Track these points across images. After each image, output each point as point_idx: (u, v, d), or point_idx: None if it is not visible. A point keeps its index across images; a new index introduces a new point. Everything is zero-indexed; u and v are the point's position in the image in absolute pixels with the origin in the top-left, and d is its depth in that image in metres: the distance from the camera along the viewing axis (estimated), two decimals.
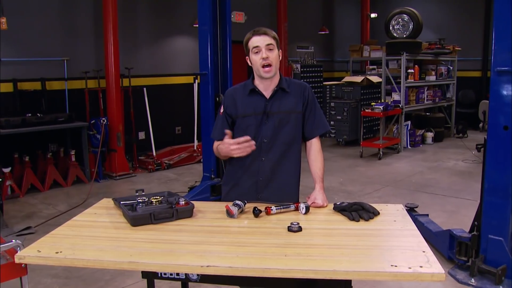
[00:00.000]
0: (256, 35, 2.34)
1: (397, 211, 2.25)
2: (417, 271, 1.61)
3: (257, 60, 2.33)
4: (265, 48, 2.31)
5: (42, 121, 6.28)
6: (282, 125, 2.41)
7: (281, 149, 2.43)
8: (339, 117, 9.24)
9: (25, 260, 1.81)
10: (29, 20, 6.66)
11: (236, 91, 2.51)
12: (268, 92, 2.42)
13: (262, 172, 2.43)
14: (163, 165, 7.51)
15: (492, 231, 3.46)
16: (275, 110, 2.40)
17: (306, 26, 11.48)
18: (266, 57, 2.31)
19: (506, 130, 3.32)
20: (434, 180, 6.68)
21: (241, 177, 2.48)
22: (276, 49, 2.35)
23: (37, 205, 5.72)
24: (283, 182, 2.47)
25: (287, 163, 2.45)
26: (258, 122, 2.40)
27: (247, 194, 2.42)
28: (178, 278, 1.97)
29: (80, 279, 3.72)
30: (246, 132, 2.40)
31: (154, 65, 8.34)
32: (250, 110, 2.41)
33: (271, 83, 2.41)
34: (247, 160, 2.42)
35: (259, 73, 2.37)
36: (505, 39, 3.27)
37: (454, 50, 9.97)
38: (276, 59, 2.36)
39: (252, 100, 2.42)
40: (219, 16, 5.41)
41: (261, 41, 2.32)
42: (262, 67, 2.33)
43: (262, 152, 2.41)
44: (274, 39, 2.35)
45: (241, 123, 2.43)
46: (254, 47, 2.33)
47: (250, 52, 2.36)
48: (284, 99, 2.42)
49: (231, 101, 2.47)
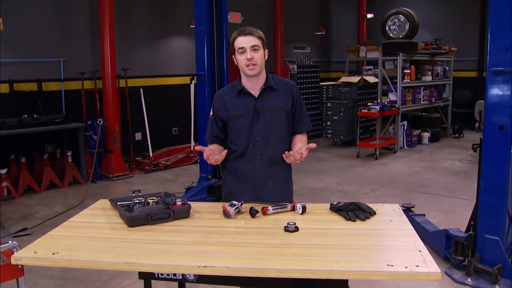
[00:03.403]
0: (242, 35, 2.34)
1: (393, 211, 2.26)
2: (413, 271, 1.61)
3: (242, 60, 2.34)
4: (250, 49, 2.32)
5: (38, 122, 6.27)
6: (274, 123, 2.43)
7: (275, 146, 2.44)
8: (336, 118, 9.26)
9: (22, 262, 1.81)
10: (25, 21, 6.63)
11: (224, 93, 2.53)
12: (256, 91, 2.43)
13: (259, 171, 2.45)
14: (159, 166, 7.50)
15: (488, 230, 3.47)
16: (265, 108, 2.42)
17: (303, 27, 11.49)
18: (250, 57, 2.32)
19: (502, 130, 3.33)
20: (431, 180, 6.70)
21: (239, 177, 2.49)
22: (261, 49, 2.35)
23: (33, 206, 5.70)
24: (279, 179, 2.50)
25: (281, 161, 2.45)
26: (250, 121, 2.41)
27: (247, 193, 2.44)
28: (175, 279, 1.97)
29: (77, 280, 3.71)
30: (240, 132, 2.43)
31: (150, 66, 8.33)
32: (241, 111, 2.43)
33: (258, 82, 2.42)
34: (243, 160, 2.45)
35: (244, 71, 2.38)
36: (501, 39, 3.28)
37: (450, 51, 10.01)
38: (261, 59, 2.36)
39: (241, 100, 2.44)
40: (216, 17, 5.42)
41: (246, 41, 2.32)
42: (246, 66, 2.34)
43: (256, 150, 2.43)
44: (260, 39, 2.35)
45: (234, 124, 2.45)
46: (240, 48, 2.34)
47: (236, 52, 2.37)
48: (273, 97, 2.44)
49: (221, 104, 2.48)
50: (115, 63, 7.03)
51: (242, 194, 2.42)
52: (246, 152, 2.44)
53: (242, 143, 2.44)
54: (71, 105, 7.08)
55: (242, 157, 2.45)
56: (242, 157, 2.45)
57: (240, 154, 2.46)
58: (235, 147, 2.48)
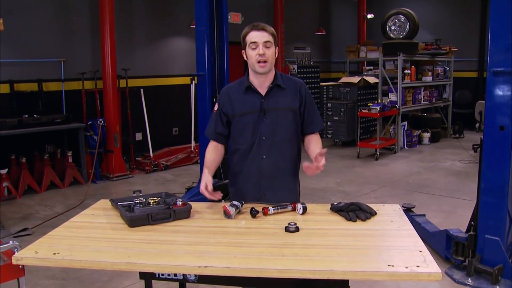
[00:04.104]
0: (255, 30, 2.30)
1: (394, 211, 2.26)
2: (414, 271, 1.61)
3: (253, 56, 2.30)
4: (262, 45, 2.28)
5: (39, 122, 6.27)
6: (280, 122, 2.39)
7: (281, 146, 2.41)
8: (336, 118, 9.26)
9: (23, 262, 1.81)
10: (26, 21, 6.64)
11: (231, 89, 2.49)
12: (263, 89, 2.39)
13: (265, 171, 2.41)
14: (160, 166, 7.50)
15: (488, 231, 3.47)
16: (271, 107, 2.38)
17: (303, 27, 11.50)
18: (262, 53, 2.28)
19: (502, 130, 3.33)
20: (431, 180, 6.70)
21: (245, 177, 2.47)
22: (273, 47, 2.32)
23: (34, 207, 5.71)
24: (285, 179, 2.47)
25: (288, 160, 2.44)
26: (255, 119, 2.38)
27: (252, 193, 2.43)
28: (176, 279, 1.97)
29: (77, 280, 3.71)
30: (244, 130, 2.40)
31: (151, 66, 8.34)
32: (247, 108, 2.39)
33: (266, 80, 2.39)
34: (248, 159, 2.42)
35: (253, 68, 2.34)
36: (501, 40, 3.28)
37: (450, 51, 10.01)
38: (273, 56, 2.33)
39: (248, 98, 2.40)
40: (216, 17, 5.42)
41: (259, 36, 2.29)
42: (257, 62, 2.30)
43: (262, 150, 2.40)
44: (272, 35, 2.32)
45: (238, 122, 2.42)
46: (252, 43, 2.30)
47: (247, 47, 2.33)
48: (280, 95, 2.40)
49: (227, 100, 2.44)
50: (116, 63, 7.03)
51: (248, 194, 2.41)
52: (250, 151, 2.40)
53: (246, 141, 2.41)
54: (72, 105, 7.09)
55: (246, 156, 2.41)
56: (246, 156, 2.41)
57: (244, 153, 2.43)
58: (238, 146, 2.45)
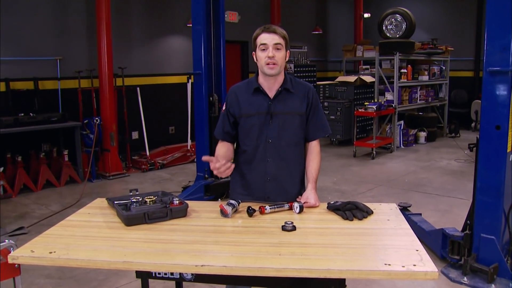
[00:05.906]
0: (266, 32, 2.29)
1: (390, 210, 2.26)
2: (410, 270, 1.62)
3: (263, 57, 2.29)
4: (273, 47, 2.26)
5: (34, 121, 6.24)
6: (287, 126, 2.37)
7: (287, 150, 2.39)
8: (333, 117, 9.26)
9: (19, 261, 1.80)
10: (22, 19, 6.61)
11: (239, 89, 2.46)
12: (272, 92, 2.37)
13: (269, 173, 2.40)
14: (156, 165, 7.49)
15: (484, 230, 3.49)
16: (279, 111, 2.36)
17: (300, 26, 11.49)
18: (272, 56, 2.26)
19: (498, 129, 3.35)
20: (427, 179, 6.72)
21: (249, 179, 2.45)
22: (283, 50, 2.30)
23: (30, 205, 5.68)
24: (290, 183, 2.45)
25: (293, 165, 2.43)
26: (262, 122, 2.36)
27: (256, 195, 2.42)
28: (173, 278, 1.97)
29: (73, 279, 3.70)
30: (250, 132, 2.38)
31: (147, 64, 8.31)
32: (253, 110, 2.37)
33: (275, 82, 2.37)
34: (254, 161, 2.41)
35: (262, 69, 2.32)
36: (497, 39, 3.29)
37: (446, 50, 10.04)
38: (282, 59, 2.31)
39: (256, 99, 2.38)
40: (213, 15, 5.42)
41: (269, 39, 2.27)
42: (266, 64, 2.29)
43: (268, 152, 2.38)
44: (284, 38, 2.30)
45: (245, 123, 2.40)
46: (262, 44, 2.28)
47: (257, 48, 2.31)
48: (288, 99, 2.38)
49: (234, 100, 2.42)
50: (112, 62, 7.01)
51: (252, 196, 2.40)
52: (256, 153, 2.38)
53: (252, 143, 2.39)
54: (68, 104, 7.06)
55: (252, 158, 2.40)
56: (252, 158, 2.40)
57: (250, 155, 2.41)
58: (245, 147, 2.43)
